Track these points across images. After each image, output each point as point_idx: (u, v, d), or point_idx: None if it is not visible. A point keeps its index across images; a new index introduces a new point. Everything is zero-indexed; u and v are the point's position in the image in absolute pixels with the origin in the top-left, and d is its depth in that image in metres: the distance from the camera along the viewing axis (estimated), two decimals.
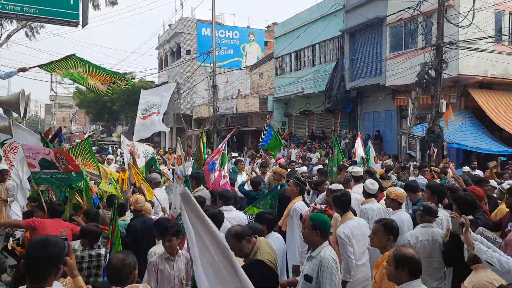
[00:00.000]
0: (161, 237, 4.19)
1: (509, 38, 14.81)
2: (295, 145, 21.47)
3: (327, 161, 14.41)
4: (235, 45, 35.01)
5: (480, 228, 3.71)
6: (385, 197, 5.48)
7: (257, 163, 12.07)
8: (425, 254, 4.13)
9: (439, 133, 12.55)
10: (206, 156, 9.28)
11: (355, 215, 4.99)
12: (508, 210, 5.11)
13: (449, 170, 10.19)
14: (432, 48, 12.71)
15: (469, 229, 3.43)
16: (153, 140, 42.90)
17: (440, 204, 5.16)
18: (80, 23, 7.95)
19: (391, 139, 18.03)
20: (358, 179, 7.21)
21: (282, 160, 13.46)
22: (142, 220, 5.39)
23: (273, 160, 14.07)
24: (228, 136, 9.46)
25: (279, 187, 6.26)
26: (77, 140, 24.39)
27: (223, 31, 34.45)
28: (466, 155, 14.58)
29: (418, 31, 14.39)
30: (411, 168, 10.87)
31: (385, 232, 3.72)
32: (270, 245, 3.88)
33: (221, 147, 8.14)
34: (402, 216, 5.02)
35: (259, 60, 31.27)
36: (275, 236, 4.58)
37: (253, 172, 9.50)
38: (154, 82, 41.96)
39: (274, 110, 25.69)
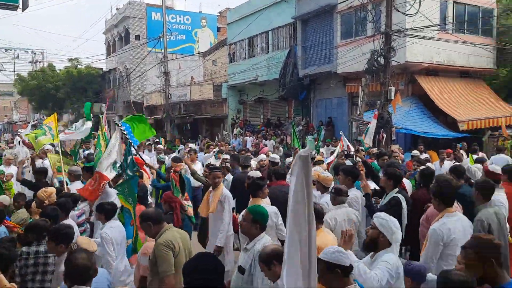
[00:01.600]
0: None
1: (452, 26, 15.44)
2: (250, 133, 21.47)
3: (281, 148, 14.52)
4: (187, 30, 34.22)
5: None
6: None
7: (213, 152, 11.92)
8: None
9: (388, 119, 12.95)
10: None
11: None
12: None
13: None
14: (381, 36, 13.00)
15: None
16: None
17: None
18: (20, 6, 7.57)
19: (342, 125, 18.41)
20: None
21: (266, 149, 13.44)
22: None
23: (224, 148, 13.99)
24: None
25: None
26: (20, 130, 22.94)
27: (174, 15, 33.52)
28: (413, 139, 15.19)
29: (368, 19, 14.66)
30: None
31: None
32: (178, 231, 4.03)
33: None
34: (327, 199, 5.05)
35: (212, 47, 30.78)
36: (114, 223, 4.79)
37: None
38: (102, 68, 40.32)
39: (228, 98, 25.47)
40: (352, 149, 10.99)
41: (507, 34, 17.12)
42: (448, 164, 9.20)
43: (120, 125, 6.36)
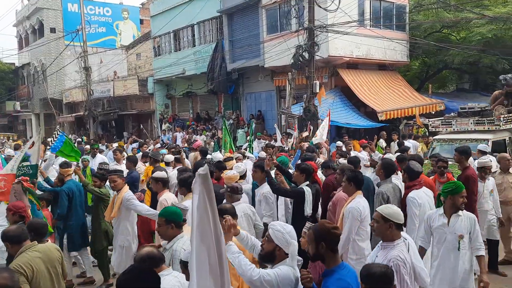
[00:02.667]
0: None
1: (370, 22, 16.32)
2: (180, 128, 21.09)
3: (213, 143, 14.48)
4: (108, 22, 32.54)
5: None
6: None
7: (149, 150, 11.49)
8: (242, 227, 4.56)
9: (314, 112, 13.42)
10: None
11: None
12: None
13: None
14: (305, 31, 13.38)
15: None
16: (17, 129, 38.25)
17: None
18: None
19: (272, 118, 18.79)
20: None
21: (199, 142, 13.20)
22: None
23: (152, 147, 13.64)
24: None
25: None
26: None
27: (92, 7, 31.69)
28: (337, 130, 15.92)
29: (292, 14, 15.00)
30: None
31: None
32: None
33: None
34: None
35: (136, 40, 29.65)
36: None
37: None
38: (14, 63, 37.12)
39: (155, 93, 24.75)
40: (279, 142, 11.33)
41: (418, 29, 18.51)
42: (365, 154, 9.95)
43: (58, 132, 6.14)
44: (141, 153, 10.92)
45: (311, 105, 13.38)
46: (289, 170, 6.26)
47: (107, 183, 6.07)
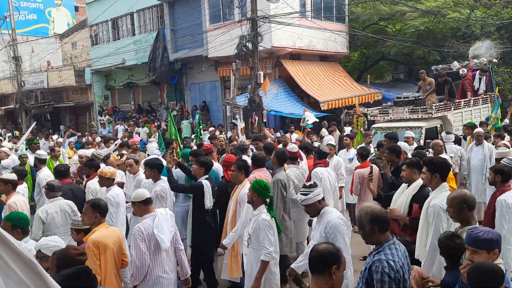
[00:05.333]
0: None
1: (311, 13, 16.59)
2: (121, 121, 20.33)
3: (156, 135, 14.05)
4: (39, 9, 30.37)
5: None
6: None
7: (115, 144, 10.79)
8: (60, 223, 4.82)
9: (259, 102, 13.48)
10: None
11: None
12: None
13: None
14: (248, 21, 13.33)
15: None
16: None
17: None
18: None
19: (216, 109, 18.64)
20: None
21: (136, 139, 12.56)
22: None
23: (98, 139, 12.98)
24: None
25: None
26: None
27: None
28: (282, 120, 16.15)
29: (234, 4, 14.88)
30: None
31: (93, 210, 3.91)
32: None
33: None
34: (117, 191, 5.31)
35: (71, 28, 28.05)
36: None
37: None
38: None
39: (93, 83, 23.60)
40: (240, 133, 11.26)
41: (356, 21, 19.13)
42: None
43: None
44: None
45: (256, 96, 13.42)
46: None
47: None
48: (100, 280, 3.49)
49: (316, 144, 8.52)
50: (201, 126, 11.89)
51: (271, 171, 5.73)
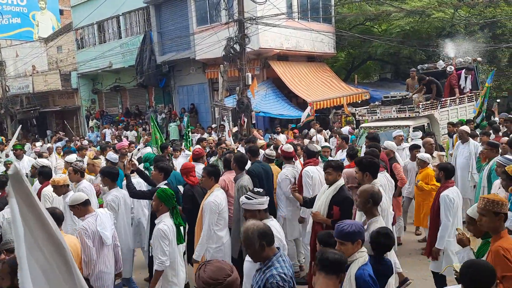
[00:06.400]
0: None
1: (298, 14, 16.66)
2: (109, 124, 20.16)
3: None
4: (23, 13, 29.96)
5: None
6: None
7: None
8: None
9: (247, 104, 13.48)
10: None
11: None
12: None
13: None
14: (235, 23, 13.34)
15: None
16: None
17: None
18: None
19: (205, 111, 18.60)
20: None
21: (125, 143, 12.37)
22: None
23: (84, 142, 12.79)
24: None
25: None
26: None
27: None
28: (271, 121, 16.17)
29: (221, 6, 14.86)
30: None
31: None
32: None
33: None
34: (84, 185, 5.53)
35: (56, 31, 27.69)
36: None
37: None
38: None
39: (79, 87, 23.37)
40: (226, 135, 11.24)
41: (343, 21, 19.27)
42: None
43: None
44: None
45: (244, 97, 13.43)
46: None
47: None
48: None
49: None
50: (189, 129, 11.83)
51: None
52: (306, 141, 10.34)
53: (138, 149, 10.45)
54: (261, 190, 3.70)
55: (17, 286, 1.93)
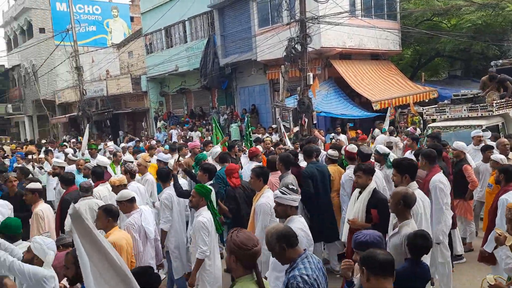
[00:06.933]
0: None
1: (361, 12, 16.33)
2: (175, 125, 21.07)
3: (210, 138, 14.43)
4: (98, 21, 32.27)
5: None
6: None
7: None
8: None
9: (308, 104, 13.44)
10: None
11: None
12: None
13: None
14: (297, 23, 13.36)
15: None
16: (10, 132, 37.97)
17: None
18: None
19: (266, 112, 18.80)
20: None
21: (196, 143, 12.93)
22: None
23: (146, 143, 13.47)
24: None
25: None
26: None
27: (81, 5, 31.41)
28: (332, 121, 15.98)
29: (283, 7, 14.96)
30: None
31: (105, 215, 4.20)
32: None
33: None
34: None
35: (127, 37, 29.46)
36: None
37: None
38: (4, 65, 36.80)
39: (149, 90, 24.66)
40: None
41: (409, 17, 18.55)
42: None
43: None
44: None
45: (305, 97, 13.39)
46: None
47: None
48: None
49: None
50: (250, 129, 12.03)
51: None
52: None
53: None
54: (295, 187, 3.83)
55: (80, 275, 2.13)
